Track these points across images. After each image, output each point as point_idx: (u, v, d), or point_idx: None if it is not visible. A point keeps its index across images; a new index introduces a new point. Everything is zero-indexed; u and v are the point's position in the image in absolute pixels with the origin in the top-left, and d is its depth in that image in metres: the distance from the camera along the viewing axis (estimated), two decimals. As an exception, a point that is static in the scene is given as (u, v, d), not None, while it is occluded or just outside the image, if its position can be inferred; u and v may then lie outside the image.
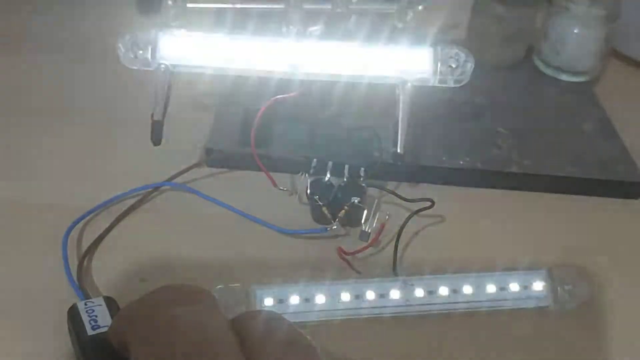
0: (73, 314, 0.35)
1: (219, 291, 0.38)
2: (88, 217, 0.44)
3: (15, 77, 0.59)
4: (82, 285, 0.39)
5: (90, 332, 0.34)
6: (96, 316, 0.34)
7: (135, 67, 0.44)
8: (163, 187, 0.48)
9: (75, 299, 0.37)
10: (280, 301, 0.38)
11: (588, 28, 0.59)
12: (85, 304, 0.35)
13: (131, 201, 0.46)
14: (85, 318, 0.34)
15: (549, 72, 0.62)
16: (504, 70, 0.62)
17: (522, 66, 0.63)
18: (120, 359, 0.30)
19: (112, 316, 0.35)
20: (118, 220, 0.45)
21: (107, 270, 0.41)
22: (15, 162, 0.50)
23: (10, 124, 0.53)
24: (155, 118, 0.43)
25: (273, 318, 0.28)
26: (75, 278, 0.40)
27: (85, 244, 0.43)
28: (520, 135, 0.53)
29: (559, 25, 0.60)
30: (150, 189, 0.47)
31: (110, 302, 0.36)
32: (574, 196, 0.50)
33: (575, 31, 0.60)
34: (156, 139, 0.44)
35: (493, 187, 0.50)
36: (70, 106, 0.56)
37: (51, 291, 0.39)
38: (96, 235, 0.43)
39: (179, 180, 0.48)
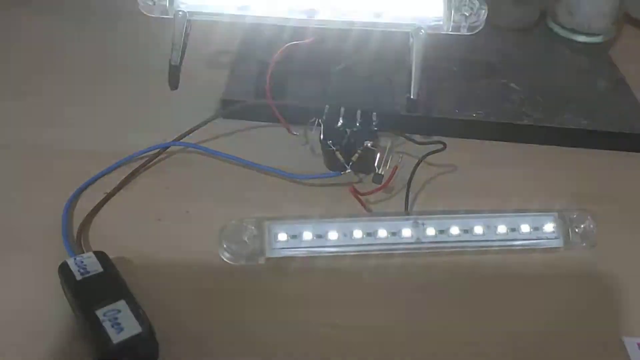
0: (63, 269, 0.36)
1: (232, 226, 0.39)
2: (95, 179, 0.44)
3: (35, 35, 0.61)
4: (80, 244, 0.40)
5: (78, 277, 0.35)
6: (85, 265, 0.36)
7: (153, 15, 0.45)
8: (173, 147, 0.47)
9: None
10: (294, 237, 0.39)
11: (602, -12, 0.60)
12: (75, 259, 0.36)
13: (139, 162, 0.46)
14: (74, 269, 0.36)
15: (563, 34, 0.62)
16: (517, 32, 0.62)
17: (536, 29, 0.64)
18: (110, 297, 0.33)
19: (102, 267, 0.36)
20: (124, 183, 0.44)
21: (108, 231, 0.41)
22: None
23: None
24: (173, 63, 0.44)
25: None
26: (73, 239, 0.40)
27: (89, 206, 0.42)
28: (533, 91, 0.54)
29: (573, -14, 0.61)
30: (157, 150, 0.46)
31: (100, 255, 0.37)
32: (585, 149, 0.51)
33: (589, -9, 0.60)
34: (173, 83, 0.44)
35: (505, 140, 0.51)
36: (88, 64, 0.57)
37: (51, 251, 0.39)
38: (102, 196, 0.43)
39: (192, 137, 0.47)
